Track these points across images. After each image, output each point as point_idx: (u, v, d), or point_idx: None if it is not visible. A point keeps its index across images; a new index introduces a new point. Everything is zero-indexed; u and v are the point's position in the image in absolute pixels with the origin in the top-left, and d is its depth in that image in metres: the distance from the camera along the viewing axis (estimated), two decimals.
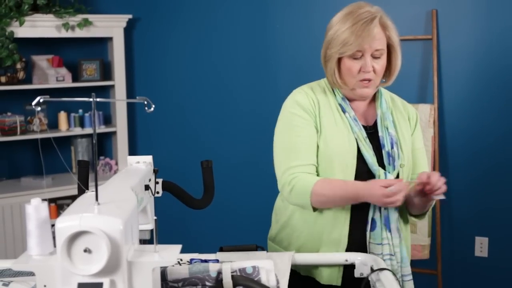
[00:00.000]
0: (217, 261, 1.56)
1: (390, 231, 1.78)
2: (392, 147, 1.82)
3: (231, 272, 1.46)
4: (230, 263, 1.48)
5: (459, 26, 3.35)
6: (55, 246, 1.12)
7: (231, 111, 3.93)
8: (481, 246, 3.42)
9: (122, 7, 4.02)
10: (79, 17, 3.71)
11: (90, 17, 3.76)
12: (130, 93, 4.07)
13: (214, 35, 3.91)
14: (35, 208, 1.17)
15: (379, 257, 1.75)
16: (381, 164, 1.80)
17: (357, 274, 1.73)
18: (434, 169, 3.32)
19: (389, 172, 1.78)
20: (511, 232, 3.36)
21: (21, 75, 3.70)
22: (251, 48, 3.82)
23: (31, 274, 1.48)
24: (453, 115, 3.41)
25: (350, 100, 1.88)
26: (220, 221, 3.94)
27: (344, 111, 1.85)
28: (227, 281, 1.44)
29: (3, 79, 3.64)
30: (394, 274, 1.61)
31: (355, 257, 1.74)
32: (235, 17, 3.84)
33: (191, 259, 1.60)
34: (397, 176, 1.81)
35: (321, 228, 1.82)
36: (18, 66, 3.66)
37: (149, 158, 1.54)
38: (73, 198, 3.88)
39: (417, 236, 3.31)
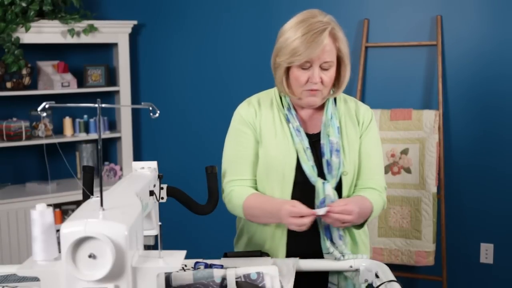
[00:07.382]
0: (221, 266, 1.56)
1: (332, 241, 1.77)
2: (331, 155, 1.80)
3: (236, 278, 1.46)
4: (234, 269, 1.48)
5: (464, 32, 3.35)
6: (60, 251, 1.12)
7: None
8: (487, 253, 3.40)
9: (127, 13, 4.03)
10: (85, 23, 3.72)
11: (96, 23, 3.77)
12: (135, 99, 4.08)
13: (218, 41, 3.91)
14: (40, 214, 1.17)
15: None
16: (322, 173, 1.80)
17: (361, 280, 1.73)
18: (439, 175, 3.31)
19: (328, 181, 1.77)
20: None
21: (26, 80, 3.71)
22: (255, 54, 3.82)
23: (36, 279, 1.48)
24: (458, 121, 3.40)
25: (299, 107, 1.88)
26: (224, 227, 3.93)
27: (288, 121, 1.85)
28: (232, 287, 1.44)
29: (9, 84, 3.65)
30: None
31: (359, 263, 1.74)
32: (239, 23, 3.84)
33: (196, 262, 1.61)
34: (340, 184, 1.80)
35: (262, 240, 1.86)
36: (24, 72, 3.67)
37: (153, 164, 1.55)
38: (78, 203, 3.89)
39: (422, 243, 3.29)
